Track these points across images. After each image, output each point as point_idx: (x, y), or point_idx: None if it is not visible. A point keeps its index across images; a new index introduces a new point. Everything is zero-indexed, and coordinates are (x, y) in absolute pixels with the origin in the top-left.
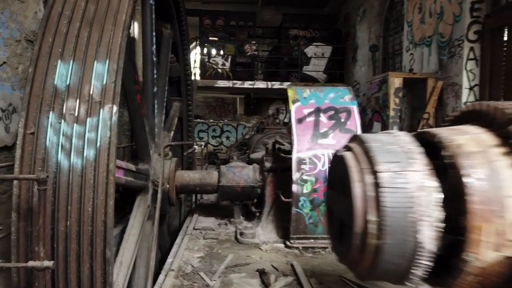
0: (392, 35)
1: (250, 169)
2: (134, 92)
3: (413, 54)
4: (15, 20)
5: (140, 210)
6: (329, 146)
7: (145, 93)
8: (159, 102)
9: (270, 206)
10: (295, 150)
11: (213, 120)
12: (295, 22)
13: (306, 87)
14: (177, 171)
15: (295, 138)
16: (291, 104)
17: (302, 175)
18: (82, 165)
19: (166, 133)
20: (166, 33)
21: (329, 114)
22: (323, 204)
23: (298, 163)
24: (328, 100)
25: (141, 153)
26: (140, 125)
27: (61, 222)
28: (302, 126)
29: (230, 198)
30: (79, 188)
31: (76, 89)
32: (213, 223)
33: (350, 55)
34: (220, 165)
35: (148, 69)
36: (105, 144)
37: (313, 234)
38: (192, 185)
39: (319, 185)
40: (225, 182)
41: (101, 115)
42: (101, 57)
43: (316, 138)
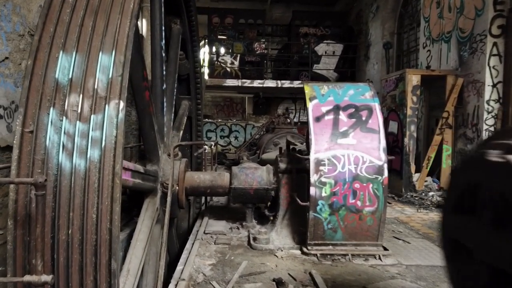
0: (406, 32)
1: (263, 170)
2: (143, 89)
3: (430, 51)
4: (18, 14)
5: (148, 213)
6: (349, 146)
7: (153, 90)
8: (168, 100)
9: (285, 210)
10: (313, 150)
11: (222, 120)
12: (306, 19)
13: (324, 83)
14: (187, 172)
15: (312, 137)
16: (308, 101)
17: (321, 177)
18: (85, 167)
19: (175, 132)
20: (175, 28)
21: (349, 112)
22: (342, 208)
23: (316, 164)
24: (348, 97)
25: (150, 154)
26: (148, 124)
27: (62, 230)
28: (320, 125)
29: (242, 201)
30: (82, 192)
31: (79, 83)
32: (224, 227)
33: (362, 53)
34: (232, 166)
35: (157, 65)
36: (111, 143)
37: (332, 240)
38: (202, 187)
39: (338, 187)
40: (237, 184)
41: (107, 112)
42: (107, 48)
43: (335, 137)
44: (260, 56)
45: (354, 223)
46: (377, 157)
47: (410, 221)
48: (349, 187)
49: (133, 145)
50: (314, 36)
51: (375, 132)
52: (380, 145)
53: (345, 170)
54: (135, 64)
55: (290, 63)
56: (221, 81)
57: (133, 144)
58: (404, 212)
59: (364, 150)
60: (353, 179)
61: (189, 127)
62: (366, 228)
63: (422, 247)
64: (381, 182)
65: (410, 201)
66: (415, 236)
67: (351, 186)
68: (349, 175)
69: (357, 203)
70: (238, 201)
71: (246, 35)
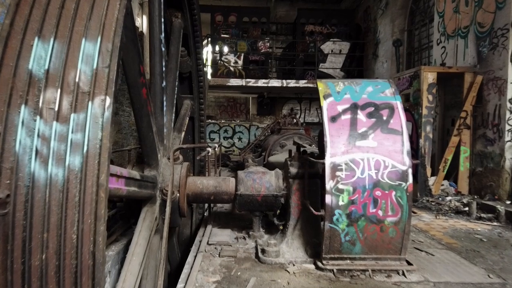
0: (418, 29)
1: (272, 175)
2: (139, 86)
3: (445, 47)
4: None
5: (146, 223)
6: (369, 149)
7: (152, 88)
8: (169, 99)
9: (296, 219)
10: (329, 153)
11: (225, 121)
12: (311, 17)
13: (339, 79)
14: (189, 178)
15: (328, 139)
16: (322, 99)
17: (337, 184)
18: (63, 177)
19: (176, 134)
20: (177, 22)
21: (368, 111)
22: (362, 218)
23: (333, 169)
24: (366, 95)
25: (148, 157)
26: (146, 125)
27: (35, 254)
28: (336, 126)
29: (249, 209)
30: (60, 208)
31: (58, 76)
32: (230, 237)
33: (370, 51)
34: (238, 171)
35: (156, 61)
36: (95, 148)
37: (350, 254)
38: (205, 194)
39: (357, 195)
40: (244, 190)
41: (90, 110)
42: (92, 34)
43: (353, 139)
44: (265, 55)
45: (375, 235)
46: (401, 161)
47: (429, 229)
48: (370, 195)
49: (131, 148)
50: (320, 34)
51: (397, 133)
52: (404, 147)
53: (364, 175)
54: (130, 57)
55: (295, 62)
56: (225, 80)
57: (130, 147)
58: (421, 218)
59: (386, 153)
60: (373, 186)
61: (191, 128)
62: (388, 241)
63: (448, 260)
64: (405, 189)
65: (427, 206)
66: (438, 247)
67: (372, 193)
68: (369, 181)
69: (378, 212)
70: (244, 208)
71: (250, 34)
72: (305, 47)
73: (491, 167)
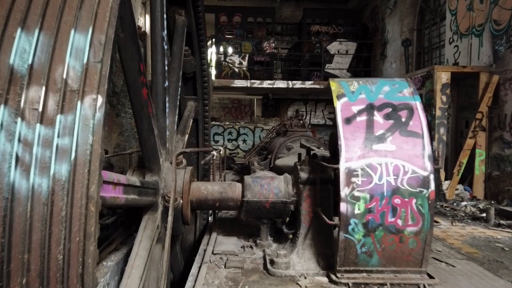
0: (428, 28)
1: (280, 180)
2: (139, 85)
3: (458, 46)
4: None
5: (147, 233)
6: (387, 153)
7: (153, 88)
8: (172, 100)
9: (307, 227)
10: (343, 158)
11: (229, 123)
12: (317, 17)
13: (353, 79)
14: (193, 183)
15: (342, 142)
16: (336, 100)
17: (353, 191)
18: (48, 188)
19: (180, 136)
20: (180, 20)
21: (386, 112)
22: (379, 228)
23: (348, 175)
24: (383, 95)
25: (149, 162)
26: (147, 127)
27: (14, 278)
28: (351, 128)
29: (256, 216)
30: (44, 224)
31: (43, 72)
32: (236, 245)
33: (378, 51)
34: (244, 176)
35: (158, 59)
36: (85, 155)
37: (366, 267)
38: (210, 200)
39: (375, 203)
40: (251, 196)
41: (80, 111)
42: (83, 25)
43: (370, 142)
44: (270, 56)
45: (394, 246)
46: (422, 167)
47: (446, 237)
48: (388, 203)
49: (132, 151)
50: (326, 35)
51: (418, 136)
52: (425, 151)
53: (382, 182)
54: (129, 54)
55: (301, 63)
56: (229, 81)
57: (132, 150)
58: (437, 225)
59: (405, 157)
60: (392, 193)
61: (195, 131)
62: (408, 252)
63: (471, 272)
64: (427, 197)
65: (441, 212)
66: (458, 257)
67: (390, 201)
68: (387, 188)
69: (398, 222)
70: (251, 216)
71: (255, 34)
72: (311, 47)
73: (508, 171)
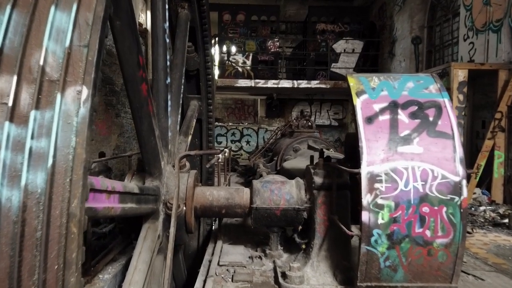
0: (439, 25)
1: (292, 185)
2: (138, 80)
3: (473, 43)
4: None
5: (147, 244)
6: (414, 156)
7: (155, 85)
8: (174, 98)
9: (322, 237)
10: (365, 161)
11: (232, 124)
12: (323, 15)
13: (373, 74)
14: (197, 188)
15: (364, 144)
16: (355, 97)
17: (376, 198)
18: (19, 202)
19: (183, 138)
20: (183, 14)
21: (411, 111)
22: (406, 240)
23: (370, 180)
24: (407, 92)
25: (150, 165)
26: (147, 128)
27: None
28: (373, 128)
29: (266, 224)
30: (13, 248)
31: (16, 58)
32: (243, 255)
33: (386, 49)
34: (253, 180)
35: (159, 53)
36: (66, 161)
37: (390, 282)
38: (216, 207)
39: (400, 212)
40: (260, 203)
41: (60, 106)
42: (65, 2)
43: (394, 144)
44: (274, 55)
45: (421, 260)
46: (452, 171)
47: (469, 245)
48: (415, 212)
49: (132, 154)
50: (332, 33)
51: (447, 137)
52: (456, 154)
53: (409, 188)
54: (126, 45)
55: (306, 62)
56: (233, 81)
57: (131, 153)
58: None
59: (434, 161)
60: (420, 201)
61: (199, 131)
62: (437, 266)
63: (503, 286)
64: (459, 205)
65: None
66: (485, 268)
67: (418, 210)
68: (415, 195)
69: (426, 233)
70: (261, 224)
71: (259, 33)
72: (317, 46)
73: None
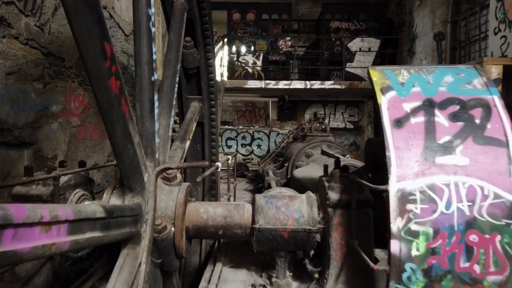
0: (465, 19)
1: (302, 201)
2: (104, 74)
3: (506, 37)
4: None
5: (122, 277)
6: (457, 169)
7: (137, 82)
8: (166, 98)
9: (339, 266)
10: (394, 175)
11: (243, 127)
12: (337, 13)
13: (401, 66)
14: (189, 204)
15: (392, 154)
16: (379, 95)
17: (409, 224)
18: None
19: (179, 144)
20: (179, 3)
21: (452, 111)
22: (448, 277)
23: (401, 200)
24: (445, 87)
25: (128, 179)
26: (121, 133)
27: None
28: (404, 133)
29: (272, 248)
30: None
31: None
32: (244, 284)
33: (405, 47)
34: (256, 195)
35: (142, 44)
36: None
37: None
38: (211, 227)
39: (441, 241)
40: (264, 222)
41: None
42: None
43: (431, 153)
44: (286, 55)
45: None
46: (508, 188)
47: None
48: (460, 241)
49: (101, 166)
50: (347, 31)
51: (500, 145)
52: None
53: (451, 210)
54: (83, 27)
55: (319, 62)
56: (242, 82)
57: (102, 165)
58: None
59: (484, 175)
60: (466, 227)
61: (201, 136)
62: None
63: None
64: None
65: None
66: None
67: (464, 238)
68: (459, 219)
69: (474, 268)
70: (265, 247)
71: (270, 32)
72: (331, 45)
73: None
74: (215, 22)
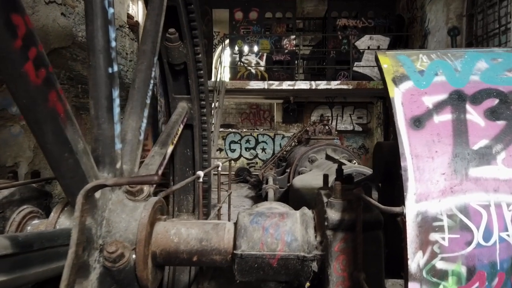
0: (482, 12)
1: (296, 220)
2: (16, 58)
3: None
4: None
5: None
6: (499, 185)
7: (91, 74)
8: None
9: None
10: (412, 194)
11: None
12: (344, 10)
13: (418, 51)
14: (157, 225)
15: (409, 163)
16: (391, 86)
17: (434, 260)
18: None
19: (158, 149)
20: None
21: (488, 107)
22: None
23: (423, 227)
24: (478, 76)
25: (71, 195)
26: (53, 139)
27: None
28: (425, 136)
29: (258, 278)
30: None
31: None
32: None
33: (417, 44)
34: (239, 213)
35: (96, 27)
36: None
37: None
38: (184, 252)
39: (478, 284)
40: (247, 248)
41: None
42: None
43: (463, 163)
44: (290, 55)
45: None
46: None
47: None
48: (505, 284)
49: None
50: (355, 29)
51: None
52: None
53: (492, 242)
54: None
55: (325, 61)
56: (244, 83)
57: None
58: None
59: None
60: None
61: (191, 140)
62: None
63: None
64: None
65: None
66: None
67: (509, 280)
68: (503, 254)
69: None
70: (249, 277)
71: (274, 31)
72: (337, 44)
73: None
74: (217, 22)
